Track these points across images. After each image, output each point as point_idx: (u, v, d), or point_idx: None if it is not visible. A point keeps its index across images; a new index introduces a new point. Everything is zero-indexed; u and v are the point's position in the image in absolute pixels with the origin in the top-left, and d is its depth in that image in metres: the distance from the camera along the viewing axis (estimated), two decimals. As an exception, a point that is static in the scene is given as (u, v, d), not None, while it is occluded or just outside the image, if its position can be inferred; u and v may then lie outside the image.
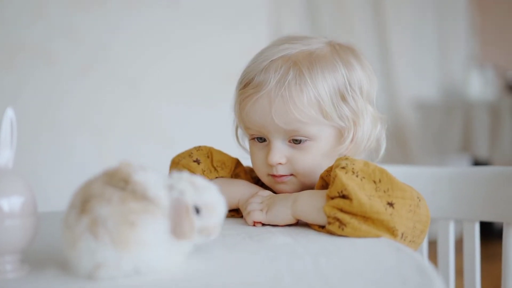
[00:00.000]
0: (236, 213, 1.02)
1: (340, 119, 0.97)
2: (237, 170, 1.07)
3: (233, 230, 0.91)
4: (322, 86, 0.96)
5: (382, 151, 1.04)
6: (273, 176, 0.99)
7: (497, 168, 1.14)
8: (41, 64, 2.65)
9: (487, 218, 1.13)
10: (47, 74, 2.66)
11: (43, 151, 2.67)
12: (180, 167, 1.02)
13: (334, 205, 0.85)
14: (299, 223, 0.93)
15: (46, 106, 2.67)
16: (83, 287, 0.66)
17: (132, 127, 2.85)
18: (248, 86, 0.98)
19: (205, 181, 0.74)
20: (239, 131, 1.08)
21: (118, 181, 0.69)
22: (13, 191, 0.71)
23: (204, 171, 1.02)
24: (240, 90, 1.00)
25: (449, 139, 3.46)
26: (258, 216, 0.93)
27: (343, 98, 0.98)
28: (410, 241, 0.86)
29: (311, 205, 0.89)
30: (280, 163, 0.98)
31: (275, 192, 1.00)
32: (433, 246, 1.21)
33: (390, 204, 0.84)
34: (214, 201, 0.73)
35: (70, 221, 0.68)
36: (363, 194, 0.83)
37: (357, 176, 0.85)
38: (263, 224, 0.94)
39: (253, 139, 1.01)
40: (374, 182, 0.85)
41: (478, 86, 3.86)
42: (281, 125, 0.95)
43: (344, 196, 0.84)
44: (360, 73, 1.00)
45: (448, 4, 4.08)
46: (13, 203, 0.70)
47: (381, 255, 0.77)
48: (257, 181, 1.07)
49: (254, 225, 0.94)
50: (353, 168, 0.86)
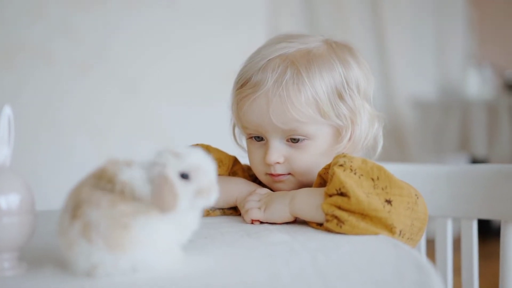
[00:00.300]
0: (234, 211, 1.02)
1: (338, 118, 0.97)
2: (235, 168, 1.07)
3: (231, 228, 0.91)
4: (320, 85, 0.95)
5: (379, 149, 1.04)
6: (271, 175, 0.99)
7: (495, 166, 1.14)
8: (41, 64, 2.64)
9: (485, 216, 1.13)
10: (47, 74, 2.66)
11: (43, 151, 2.66)
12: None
13: (332, 203, 0.84)
14: (297, 221, 0.93)
15: (46, 106, 2.67)
16: (81, 285, 0.66)
17: (132, 127, 2.85)
18: (246, 86, 0.98)
19: (188, 147, 0.73)
20: (237, 130, 1.08)
21: (106, 183, 0.68)
22: (11, 189, 0.71)
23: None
24: (237, 90, 1.00)
25: (447, 138, 3.46)
26: (256, 214, 0.93)
27: (341, 97, 0.98)
28: (408, 239, 0.86)
29: (309, 203, 0.89)
30: (278, 163, 0.97)
31: (273, 190, 1.00)
32: (431, 245, 1.21)
33: (388, 202, 0.84)
34: (200, 162, 0.71)
35: (64, 226, 0.68)
36: (361, 192, 0.83)
37: (355, 174, 0.85)
38: (261, 222, 0.94)
39: (251, 138, 1.01)
40: (372, 180, 0.85)
41: (476, 85, 3.86)
42: (279, 125, 0.95)
43: (342, 194, 0.84)
44: (357, 71, 1.00)
45: (446, 3, 4.08)
46: (11, 201, 0.70)
47: (379, 252, 0.77)
48: (255, 179, 1.07)
49: (252, 223, 0.93)
50: (351, 166, 0.86)
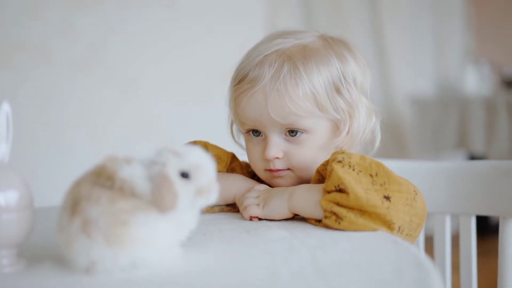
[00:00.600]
0: (233, 208, 1.02)
1: (336, 112, 0.97)
2: (233, 165, 1.07)
3: (230, 225, 0.91)
4: (317, 79, 0.96)
5: (377, 143, 1.04)
6: (270, 171, 0.99)
7: (494, 162, 1.14)
8: (40, 63, 2.64)
9: (484, 213, 1.13)
10: (46, 73, 2.65)
11: (42, 150, 2.66)
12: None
13: (331, 199, 0.84)
14: (296, 217, 0.93)
15: (45, 105, 2.66)
16: (80, 281, 0.66)
17: (131, 126, 2.85)
18: (243, 82, 0.98)
19: (188, 146, 0.73)
20: (234, 128, 1.08)
21: (105, 180, 0.68)
22: (9, 185, 0.71)
23: None
24: (235, 86, 1.00)
25: (445, 135, 3.46)
26: (255, 211, 0.93)
27: (338, 91, 0.98)
28: (407, 235, 0.86)
29: (308, 199, 0.89)
30: (277, 157, 0.98)
31: (272, 187, 1.00)
32: (429, 242, 1.21)
33: (387, 198, 0.84)
34: (199, 160, 0.71)
35: (63, 223, 0.68)
36: (360, 188, 0.83)
37: (354, 170, 0.85)
38: (260, 219, 0.94)
39: (248, 133, 1.01)
40: (371, 176, 0.85)
41: (474, 82, 3.86)
42: (277, 119, 0.95)
43: (341, 190, 0.84)
44: (354, 66, 1.00)
45: (444, 0, 4.08)
46: (9, 197, 0.70)
47: (378, 249, 0.77)
48: (253, 176, 1.07)
49: (251, 220, 0.93)
50: (350, 162, 0.86)
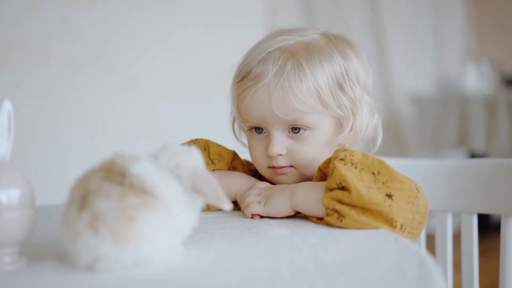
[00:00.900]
0: (234, 206, 1.02)
1: (339, 108, 0.97)
2: (234, 163, 1.07)
3: (231, 223, 0.91)
4: (321, 76, 0.96)
5: (379, 141, 1.04)
6: (273, 168, 0.99)
7: (494, 161, 1.13)
8: (39, 62, 2.64)
9: (485, 211, 1.13)
10: (45, 72, 2.65)
11: (41, 149, 2.66)
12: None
13: (333, 197, 0.84)
14: (298, 215, 0.93)
15: (44, 104, 2.66)
16: (82, 279, 0.66)
17: (130, 125, 2.85)
18: (246, 79, 0.98)
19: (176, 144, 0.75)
20: (236, 126, 1.08)
21: (116, 176, 0.68)
22: (11, 184, 0.71)
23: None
24: (238, 83, 1.00)
25: (446, 133, 3.46)
26: (257, 208, 0.93)
27: (341, 88, 0.98)
28: (409, 233, 0.86)
29: (310, 197, 0.89)
30: (281, 154, 0.97)
31: (274, 184, 1.00)
32: (431, 240, 1.21)
33: (389, 196, 0.84)
34: (191, 162, 0.73)
35: (70, 217, 0.68)
36: (362, 186, 0.83)
37: (356, 168, 0.85)
38: (261, 216, 0.93)
39: (251, 131, 1.01)
40: (373, 174, 0.85)
41: (474, 80, 3.86)
42: (281, 116, 0.95)
43: (343, 188, 0.84)
44: (356, 63, 1.00)
45: (444, -1, 4.09)
46: (11, 195, 0.70)
47: (380, 247, 0.76)
48: (255, 174, 1.07)
49: (253, 218, 0.93)
50: (352, 160, 0.86)
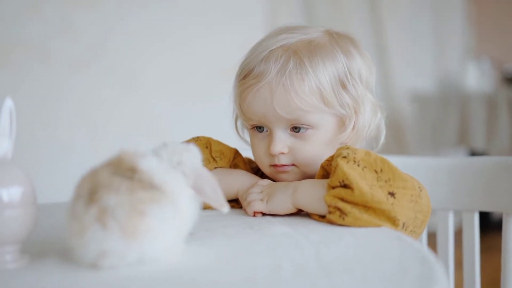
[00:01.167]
0: (236, 204, 1.02)
1: (341, 107, 0.97)
2: (236, 160, 1.07)
3: (233, 221, 0.91)
4: (323, 74, 0.95)
5: (382, 139, 1.04)
6: (275, 166, 0.99)
7: (495, 159, 1.13)
8: (39, 61, 2.64)
9: (487, 209, 1.13)
10: (45, 71, 2.65)
11: (41, 148, 2.66)
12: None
13: (335, 195, 0.84)
14: (300, 213, 0.93)
15: (44, 103, 2.66)
16: (84, 277, 0.66)
17: (130, 124, 2.85)
18: (249, 77, 0.98)
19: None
20: (238, 123, 1.08)
21: (125, 171, 0.69)
22: (13, 181, 0.71)
23: (203, 162, 1.01)
24: (240, 81, 1.00)
25: (446, 132, 3.46)
26: (259, 206, 0.92)
27: (344, 86, 0.98)
28: (411, 231, 0.86)
29: (312, 195, 0.88)
30: (283, 153, 0.97)
31: (276, 182, 1.00)
32: (432, 238, 1.21)
33: (391, 194, 0.84)
34: (191, 159, 0.76)
35: (78, 211, 0.68)
36: (365, 184, 0.83)
37: (359, 166, 0.85)
38: (264, 214, 0.93)
39: (253, 129, 1.01)
40: (376, 172, 0.85)
41: (475, 79, 3.86)
42: (283, 114, 0.95)
43: (346, 186, 0.83)
44: (359, 61, 1.00)
45: (445, -3, 4.08)
46: (13, 193, 0.70)
47: (383, 245, 0.76)
48: (256, 172, 1.07)
49: (255, 215, 0.93)
50: (355, 158, 0.85)
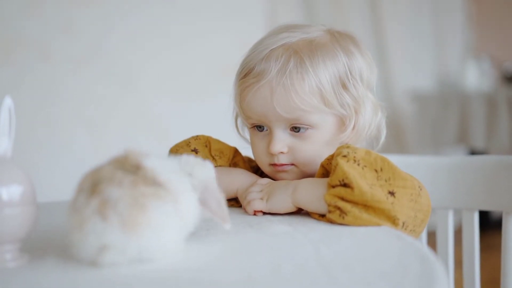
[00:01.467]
0: (235, 203, 1.02)
1: (342, 107, 0.97)
2: (236, 159, 1.07)
3: (233, 220, 0.90)
4: (324, 74, 0.95)
5: (383, 139, 1.04)
6: (274, 165, 0.99)
7: (495, 157, 1.13)
8: (39, 59, 2.64)
9: (486, 207, 1.13)
10: (45, 69, 2.65)
11: (41, 146, 2.66)
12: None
13: (335, 194, 0.84)
14: (300, 212, 0.93)
15: (44, 101, 2.66)
16: (83, 276, 0.66)
17: (130, 122, 2.85)
18: (249, 76, 0.98)
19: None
20: (239, 122, 1.08)
21: (129, 167, 0.70)
22: (12, 180, 0.71)
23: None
24: (241, 80, 0.99)
25: (446, 131, 3.45)
26: (259, 205, 0.92)
27: (344, 86, 0.97)
28: (411, 230, 0.86)
29: (312, 194, 0.88)
30: (282, 152, 0.97)
31: (275, 180, 0.99)
32: (432, 237, 1.21)
33: (391, 193, 0.83)
34: (204, 174, 0.78)
35: (79, 204, 0.68)
36: (365, 183, 0.83)
37: (359, 165, 0.85)
38: (264, 213, 0.93)
39: (254, 128, 1.01)
40: (376, 171, 0.85)
41: (475, 77, 3.86)
42: (283, 114, 0.95)
43: (345, 185, 0.83)
44: (360, 61, 1.00)
45: (444, -5, 4.08)
46: (12, 192, 0.70)
47: (382, 244, 0.76)
48: (256, 171, 1.07)
49: (255, 214, 0.93)
50: (355, 157, 0.85)
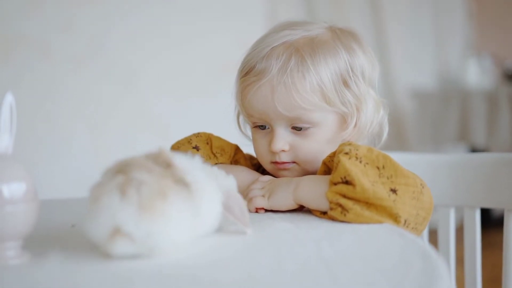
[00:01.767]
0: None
1: (343, 105, 0.97)
2: (237, 157, 1.06)
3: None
4: (325, 72, 0.95)
5: (385, 136, 1.04)
6: (276, 163, 0.99)
7: (497, 155, 1.13)
8: (39, 58, 2.63)
9: (488, 205, 1.13)
10: (45, 67, 2.65)
11: (41, 144, 2.65)
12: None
13: (337, 191, 0.84)
14: (301, 210, 0.92)
15: (44, 99, 2.66)
16: (86, 272, 0.66)
17: (130, 120, 2.84)
18: (250, 74, 0.97)
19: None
20: (240, 119, 1.07)
21: (161, 162, 0.72)
22: (14, 177, 0.70)
23: (203, 158, 1.01)
24: (242, 78, 0.99)
25: (446, 128, 3.45)
26: (261, 202, 0.92)
27: (346, 84, 0.97)
28: (413, 228, 0.86)
29: (314, 191, 0.88)
30: (284, 150, 0.97)
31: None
32: (433, 235, 1.21)
33: (393, 191, 0.83)
34: (227, 183, 0.81)
35: (103, 180, 0.70)
36: (367, 180, 0.83)
37: (361, 162, 0.85)
38: (266, 210, 0.93)
39: (256, 127, 1.01)
40: (378, 168, 0.85)
41: (475, 75, 3.85)
42: (284, 113, 0.94)
43: (347, 182, 0.83)
44: (362, 58, 0.99)
45: (445, -8, 4.08)
46: (14, 189, 0.70)
47: (384, 241, 0.76)
48: (257, 168, 1.06)
49: (257, 212, 0.93)
50: (357, 154, 0.85)
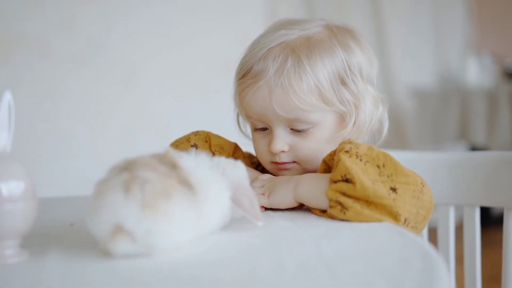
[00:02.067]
0: (236, 199, 1.01)
1: (341, 104, 0.96)
2: (236, 155, 1.06)
3: (234, 216, 0.91)
4: (322, 73, 0.95)
5: (385, 132, 1.04)
6: (276, 164, 0.99)
7: (496, 153, 1.13)
8: (40, 56, 2.63)
9: (487, 204, 1.13)
10: (45, 67, 2.64)
11: (41, 143, 2.65)
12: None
13: (337, 189, 0.84)
14: (302, 208, 0.92)
15: (44, 98, 2.66)
16: (84, 271, 0.66)
17: (130, 120, 2.84)
18: (247, 76, 0.97)
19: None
20: (240, 118, 1.07)
21: (167, 162, 0.72)
22: (12, 175, 0.70)
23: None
24: (239, 80, 0.99)
25: (446, 127, 3.45)
26: (260, 201, 0.91)
27: (343, 83, 0.97)
28: (413, 227, 0.86)
29: (314, 189, 0.88)
30: (283, 151, 0.97)
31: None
32: (433, 233, 1.21)
33: (393, 189, 0.83)
34: (236, 173, 0.82)
35: (108, 176, 0.70)
36: (367, 178, 0.83)
37: (361, 160, 0.85)
38: (265, 209, 0.93)
39: (256, 130, 1.01)
40: (378, 167, 0.85)
41: (475, 73, 3.85)
42: (282, 114, 0.94)
43: (347, 180, 0.83)
44: (359, 55, 0.99)
45: (445, -9, 4.08)
46: (12, 187, 0.70)
47: (384, 239, 0.76)
48: (256, 167, 1.06)
49: (256, 210, 0.93)
50: (357, 152, 0.85)
